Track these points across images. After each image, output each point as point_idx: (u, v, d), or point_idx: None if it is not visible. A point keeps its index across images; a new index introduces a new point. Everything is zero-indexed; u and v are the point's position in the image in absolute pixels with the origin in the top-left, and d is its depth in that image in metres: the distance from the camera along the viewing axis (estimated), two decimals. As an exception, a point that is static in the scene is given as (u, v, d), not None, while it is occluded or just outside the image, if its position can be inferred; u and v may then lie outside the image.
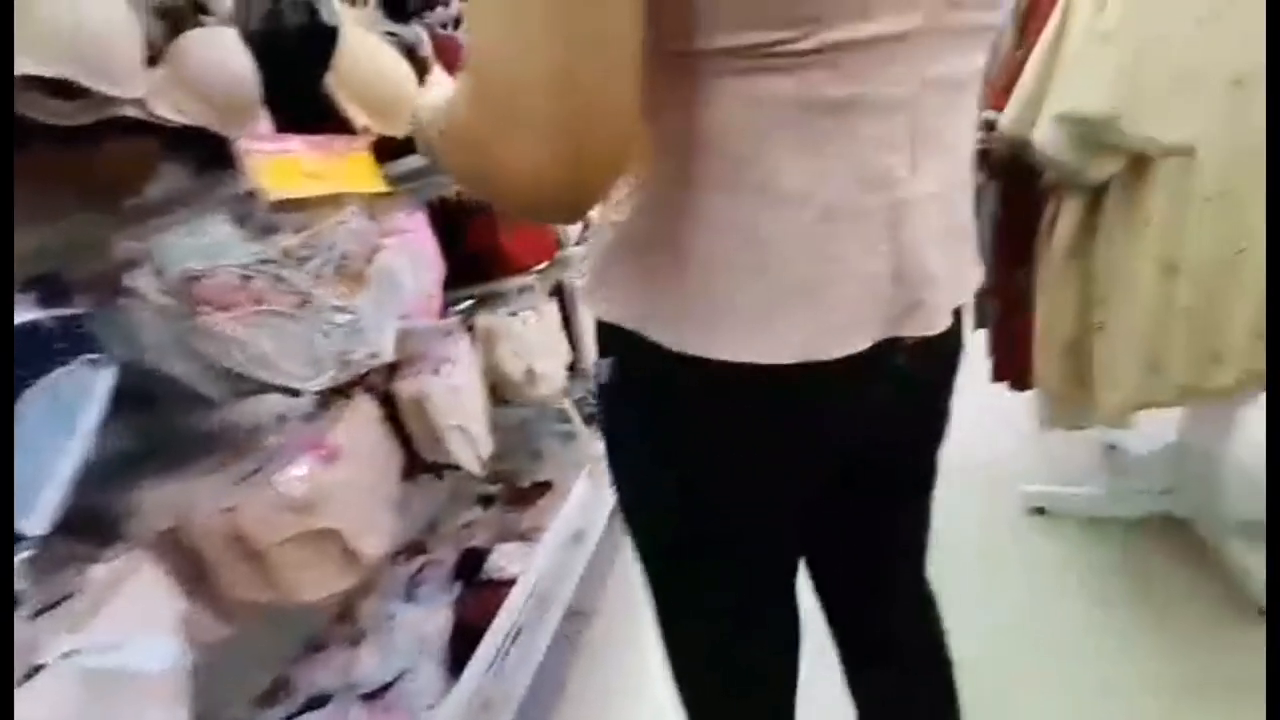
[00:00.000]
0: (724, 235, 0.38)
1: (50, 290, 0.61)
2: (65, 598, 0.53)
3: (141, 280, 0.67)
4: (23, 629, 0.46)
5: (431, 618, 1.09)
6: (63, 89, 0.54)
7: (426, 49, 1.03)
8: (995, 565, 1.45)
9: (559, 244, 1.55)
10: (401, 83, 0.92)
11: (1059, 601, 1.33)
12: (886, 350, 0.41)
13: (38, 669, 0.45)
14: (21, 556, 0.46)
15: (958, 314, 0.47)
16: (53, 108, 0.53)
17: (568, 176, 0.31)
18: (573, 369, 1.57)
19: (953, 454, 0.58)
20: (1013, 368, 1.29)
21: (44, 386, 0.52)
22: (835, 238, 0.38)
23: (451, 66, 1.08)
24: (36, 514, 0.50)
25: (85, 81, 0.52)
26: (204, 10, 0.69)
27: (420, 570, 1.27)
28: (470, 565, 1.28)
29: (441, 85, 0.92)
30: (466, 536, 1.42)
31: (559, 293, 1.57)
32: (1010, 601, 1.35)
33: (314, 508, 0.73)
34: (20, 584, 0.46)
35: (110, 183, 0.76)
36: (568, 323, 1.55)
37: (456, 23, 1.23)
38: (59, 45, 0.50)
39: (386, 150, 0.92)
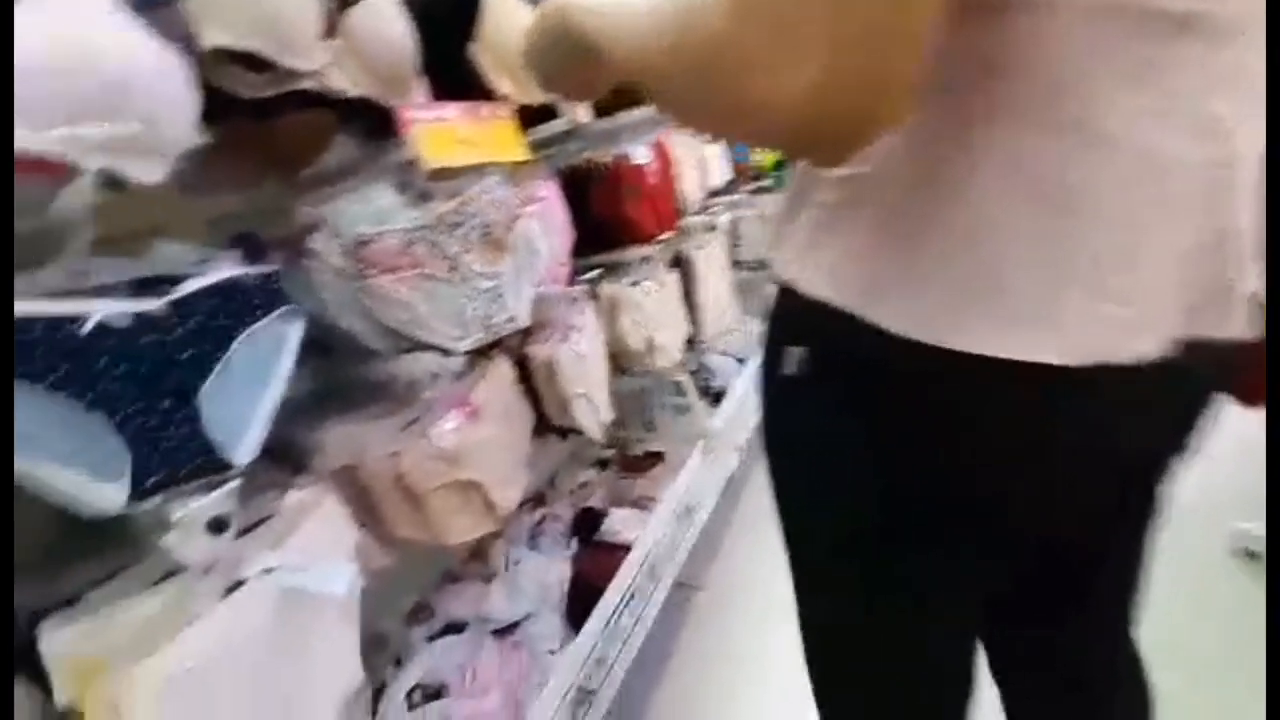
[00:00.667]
0: (1012, 185, 0.30)
1: (250, 249, 0.68)
2: (264, 520, 0.61)
3: (321, 243, 0.74)
4: (230, 547, 0.53)
5: (552, 567, 1.14)
6: (251, 64, 0.60)
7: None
8: (1199, 605, 1.22)
9: (680, 213, 1.50)
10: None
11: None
12: (1186, 352, 0.32)
13: (240, 583, 0.52)
14: (231, 485, 0.53)
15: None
16: (248, 80, 0.58)
17: (852, 104, 0.24)
18: (690, 343, 1.54)
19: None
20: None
21: (247, 337, 0.58)
22: (1148, 201, 0.29)
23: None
24: (243, 447, 0.57)
25: (272, 55, 0.56)
26: (370, -16, 0.72)
27: (541, 521, 1.34)
28: (587, 524, 1.32)
29: None
30: (583, 495, 1.48)
31: (679, 264, 1.53)
32: (1214, 642, 1.12)
33: (461, 460, 0.77)
34: (229, 507, 0.52)
35: (290, 154, 0.84)
36: (687, 295, 1.51)
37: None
38: (249, 20, 0.54)
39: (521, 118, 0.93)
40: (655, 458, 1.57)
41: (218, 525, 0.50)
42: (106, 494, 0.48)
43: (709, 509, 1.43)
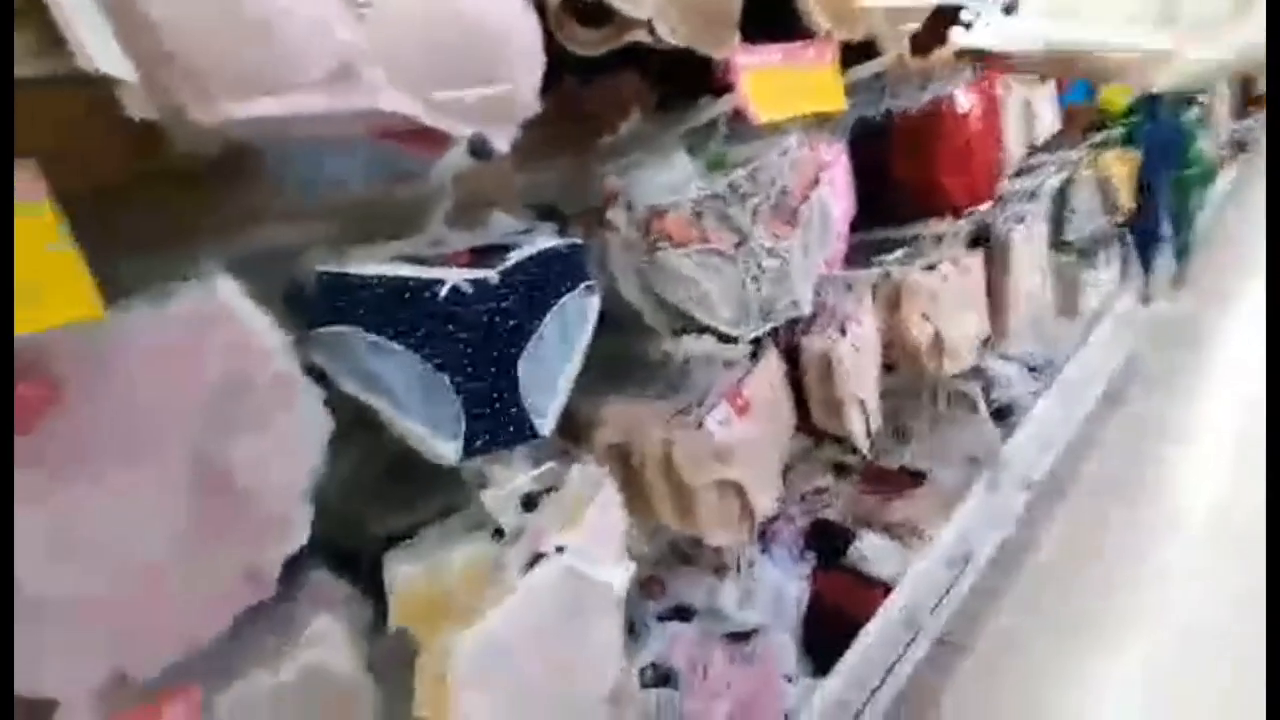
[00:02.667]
0: None
1: (557, 218, 0.68)
2: (551, 489, 0.62)
3: (617, 214, 0.72)
4: (536, 517, 0.53)
5: (789, 582, 1.03)
6: (586, 19, 0.56)
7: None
8: None
9: (999, 177, 1.18)
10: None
11: None
12: None
13: (539, 556, 0.52)
14: (546, 466, 0.53)
15: None
16: (585, 37, 0.55)
17: None
18: (985, 344, 1.23)
19: None
20: None
21: (559, 308, 0.58)
22: None
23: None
24: (549, 417, 0.57)
25: (617, 3, 0.52)
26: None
27: (774, 520, 1.24)
28: (825, 540, 1.17)
29: None
30: (817, 503, 1.32)
31: (984, 240, 1.21)
32: None
33: (728, 457, 0.70)
34: (540, 485, 0.52)
35: (596, 122, 0.84)
36: (991, 284, 1.20)
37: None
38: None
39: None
40: (913, 477, 1.33)
41: (529, 502, 0.51)
42: (445, 449, 0.51)
43: (986, 557, 1.15)
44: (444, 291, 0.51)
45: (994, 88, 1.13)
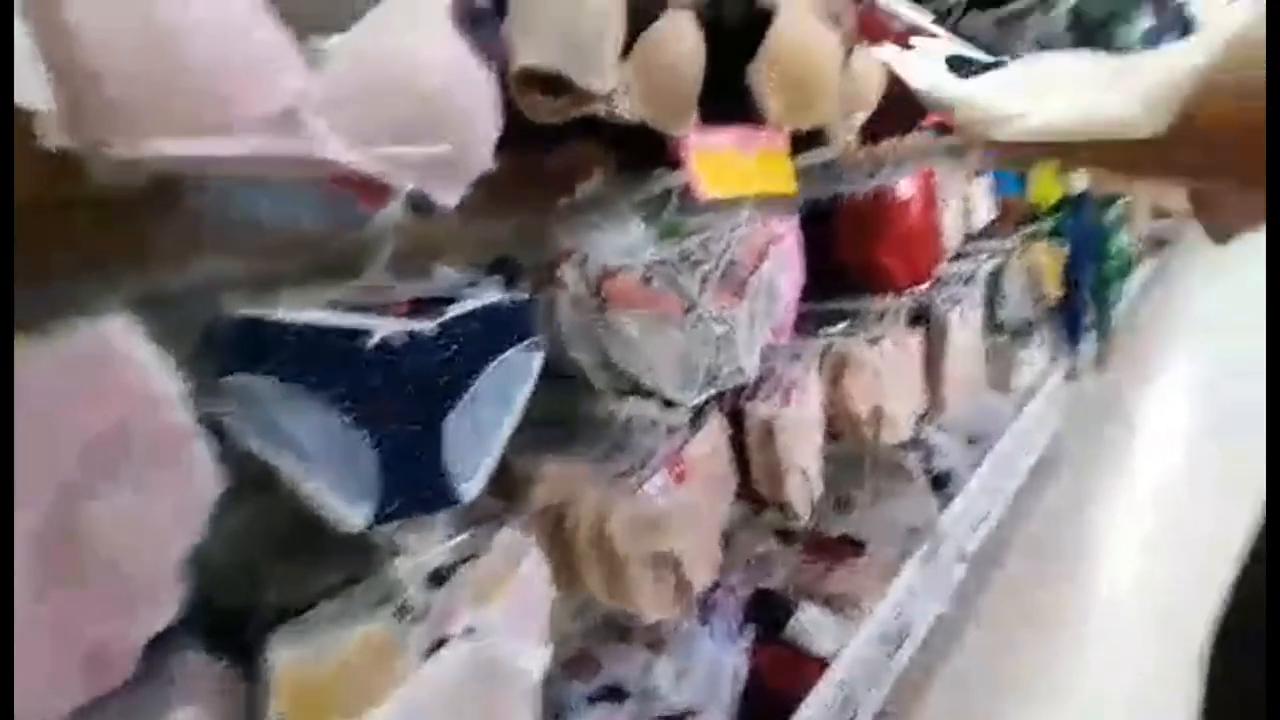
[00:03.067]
0: None
1: (508, 275, 0.68)
2: (470, 558, 0.58)
3: (568, 272, 0.72)
4: (445, 593, 0.49)
5: (728, 658, 0.99)
6: (547, 88, 0.58)
7: (850, 22, 0.89)
8: None
9: (937, 261, 1.26)
10: (825, 75, 0.80)
11: None
12: None
13: (447, 638, 0.48)
14: (460, 538, 0.49)
15: None
16: (545, 105, 0.56)
17: None
18: (922, 417, 1.27)
19: None
20: None
21: (497, 365, 0.56)
22: None
23: (874, 41, 0.92)
24: (473, 482, 0.54)
25: (574, 76, 0.53)
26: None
27: (714, 590, 1.20)
28: (766, 611, 1.14)
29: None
30: (760, 572, 1.30)
31: (923, 320, 1.28)
32: None
33: (665, 527, 0.68)
34: (453, 557, 0.49)
35: (556, 183, 0.85)
36: (929, 361, 1.25)
37: (875, -1, 1.06)
38: (562, 41, 0.51)
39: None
40: (853, 546, 1.33)
41: (438, 578, 0.47)
42: (353, 513, 0.47)
43: (923, 634, 1.14)
44: (372, 342, 0.49)
45: (934, 179, 1.22)
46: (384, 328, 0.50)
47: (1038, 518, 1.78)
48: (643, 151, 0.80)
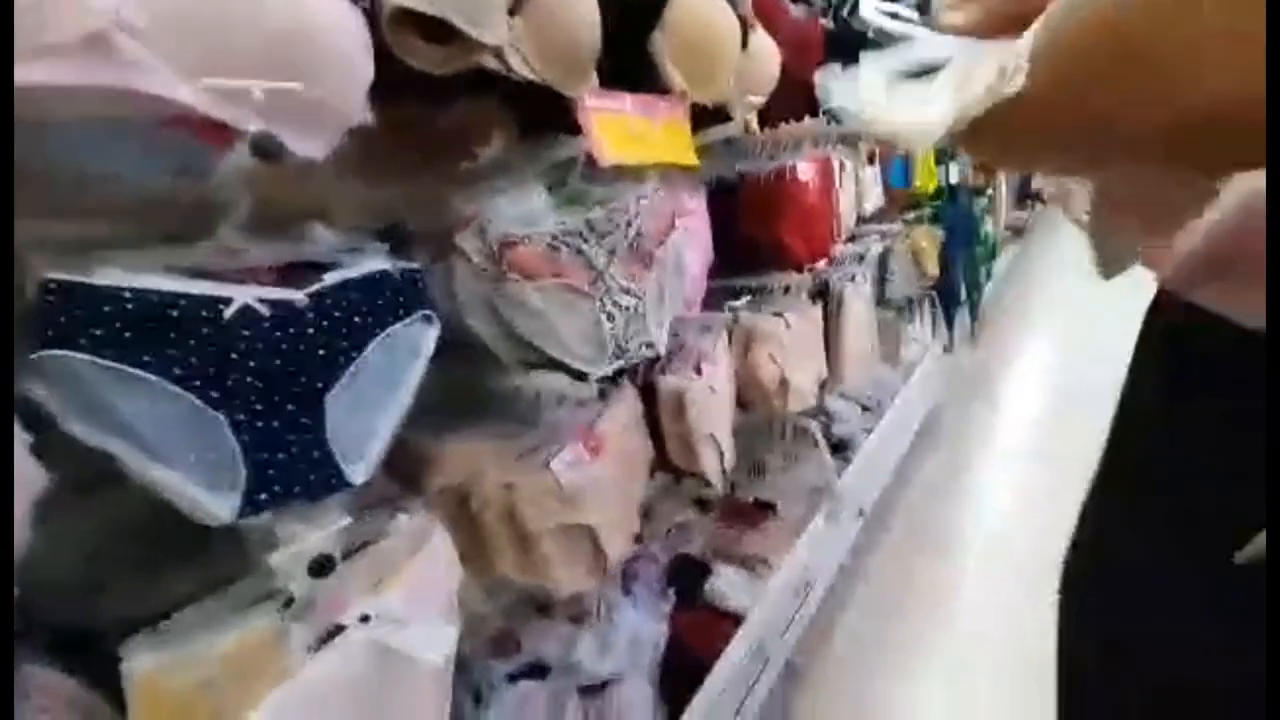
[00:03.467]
0: None
1: (397, 242, 0.63)
2: (368, 544, 0.54)
3: (467, 240, 0.68)
4: (333, 582, 0.45)
5: (648, 625, 1.01)
6: (430, 36, 0.54)
7: (746, 6, 0.91)
8: None
9: (834, 240, 1.33)
10: (727, 47, 0.81)
11: None
12: None
13: (340, 628, 0.44)
14: (341, 523, 0.45)
15: None
16: (427, 54, 0.52)
17: None
18: (823, 386, 1.36)
19: None
20: None
21: (385, 339, 0.52)
22: None
23: (771, 30, 0.95)
24: (363, 464, 0.50)
25: (461, 24, 0.50)
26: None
27: (634, 560, 1.22)
28: (685, 575, 1.18)
29: None
30: (680, 539, 1.34)
31: (823, 295, 1.36)
32: None
33: (577, 500, 0.67)
34: (337, 545, 0.45)
35: (453, 145, 0.80)
36: (828, 332, 1.34)
37: (773, -19, 1.08)
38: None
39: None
40: (765, 509, 1.40)
41: (321, 567, 0.43)
42: (215, 504, 0.42)
43: (825, 586, 1.23)
44: (230, 312, 0.43)
45: (831, 163, 1.29)
46: (243, 295, 0.44)
47: (920, 480, 1.97)
48: (544, 116, 0.77)
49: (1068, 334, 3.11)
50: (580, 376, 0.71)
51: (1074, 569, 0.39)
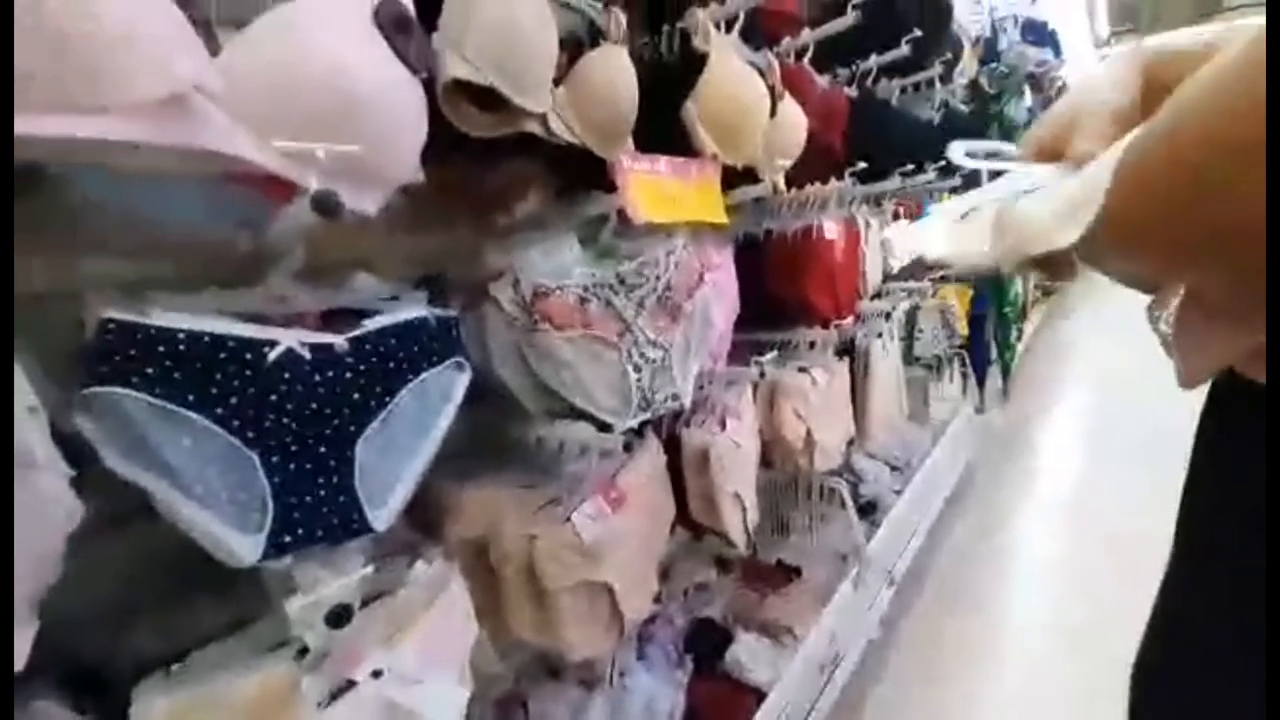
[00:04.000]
0: None
1: (435, 290, 0.65)
2: (385, 594, 0.53)
3: (501, 291, 0.70)
4: (349, 633, 0.44)
5: (664, 692, 0.96)
6: (482, 103, 0.57)
7: (775, 76, 0.95)
8: None
9: (860, 298, 1.33)
10: (756, 115, 0.85)
11: None
12: None
13: (350, 684, 0.43)
14: (363, 572, 0.45)
15: None
16: (477, 119, 0.55)
17: None
18: (850, 444, 1.32)
19: None
20: None
21: (418, 384, 0.52)
22: None
23: (798, 99, 0.99)
24: (387, 509, 0.49)
25: (508, 93, 0.53)
26: (601, 36, 0.70)
27: (651, 621, 1.17)
28: (704, 641, 1.12)
29: None
30: (699, 601, 1.28)
31: (849, 352, 1.34)
32: None
33: (598, 556, 0.66)
34: (355, 595, 0.44)
35: (493, 200, 0.84)
36: (854, 390, 1.31)
37: (800, 54, 1.14)
38: (495, 56, 0.51)
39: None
40: (789, 572, 1.34)
41: (338, 618, 0.42)
42: (241, 545, 0.42)
43: (856, 658, 1.15)
44: (274, 355, 0.45)
45: (857, 222, 1.31)
46: (288, 339, 0.46)
47: (952, 544, 1.87)
48: (582, 175, 0.81)
49: (1099, 395, 3.00)
50: (606, 428, 0.71)
51: (1149, 657, 0.36)
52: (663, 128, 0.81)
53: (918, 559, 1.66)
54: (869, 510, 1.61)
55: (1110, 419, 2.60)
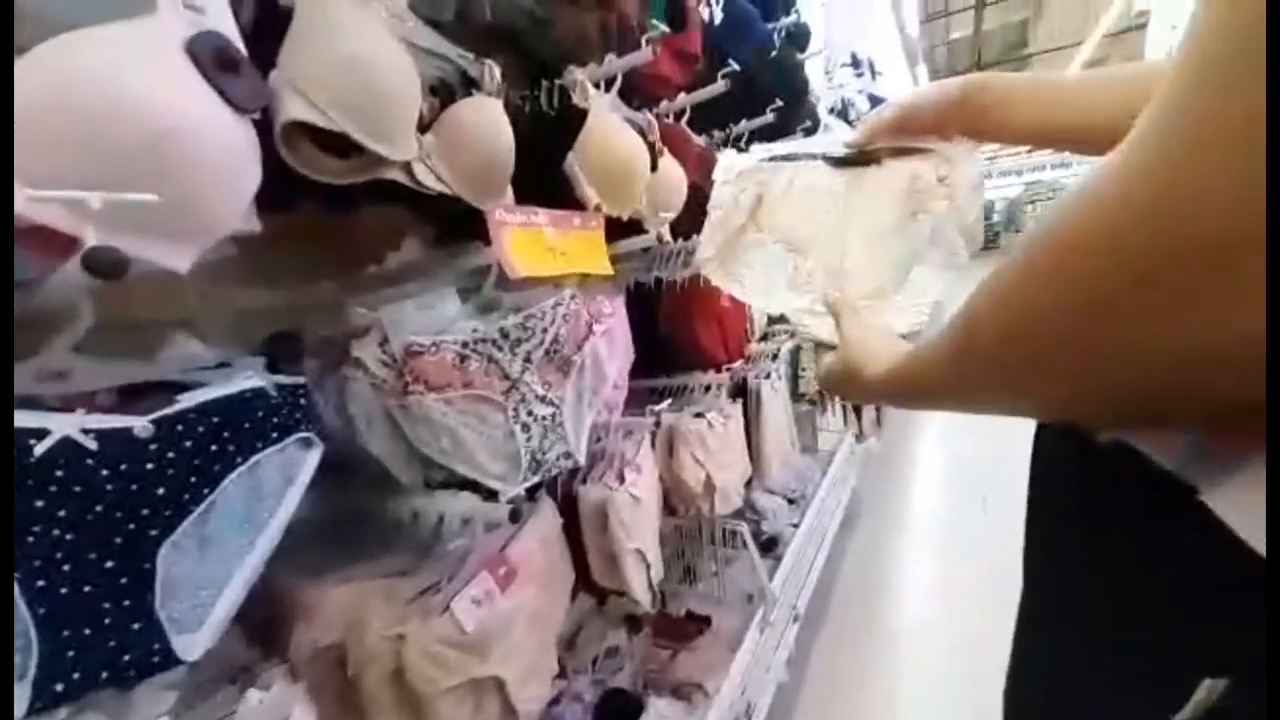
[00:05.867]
0: None
1: (286, 351, 0.56)
2: (208, 734, 0.42)
3: (366, 350, 0.63)
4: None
5: (570, 786, 0.87)
6: (334, 146, 0.52)
7: (655, 134, 0.99)
8: None
9: (749, 340, 1.40)
10: (637, 168, 0.87)
11: None
12: None
13: None
14: (166, 708, 0.35)
15: None
16: (327, 166, 0.50)
17: None
18: (748, 484, 1.35)
19: None
20: None
21: (248, 469, 0.44)
22: None
23: (678, 156, 1.04)
24: (202, 634, 0.40)
25: (363, 139, 0.49)
26: (475, 86, 0.68)
27: (556, 701, 1.07)
28: (615, 714, 1.05)
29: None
30: (610, 668, 1.21)
31: (742, 394, 1.39)
32: None
33: (484, 649, 0.58)
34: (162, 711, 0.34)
35: (358, 250, 0.77)
36: (748, 430, 1.35)
37: (679, 115, 1.21)
38: (347, 99, 0.47)
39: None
40: (699, 622, 1.31)
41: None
42: (-32, 715, 0.31)
43: (766, 706, 1.14)
44: (42, 448, 0.35)
45: (738, 269, 1.39)
46: (64, 426, 0.36)
47: (845, 571, 1.97)
48: (460, 225, 0.77)
49: (955, 419, 3.41)
50: (492, 495, 0.65)
51: (1010, 685, 0.37)
52: (544, 181, 0.80)
53: (818, 590, 1.71)
54: (770, 546, 1.64)
55: (965, 437, 2.94)
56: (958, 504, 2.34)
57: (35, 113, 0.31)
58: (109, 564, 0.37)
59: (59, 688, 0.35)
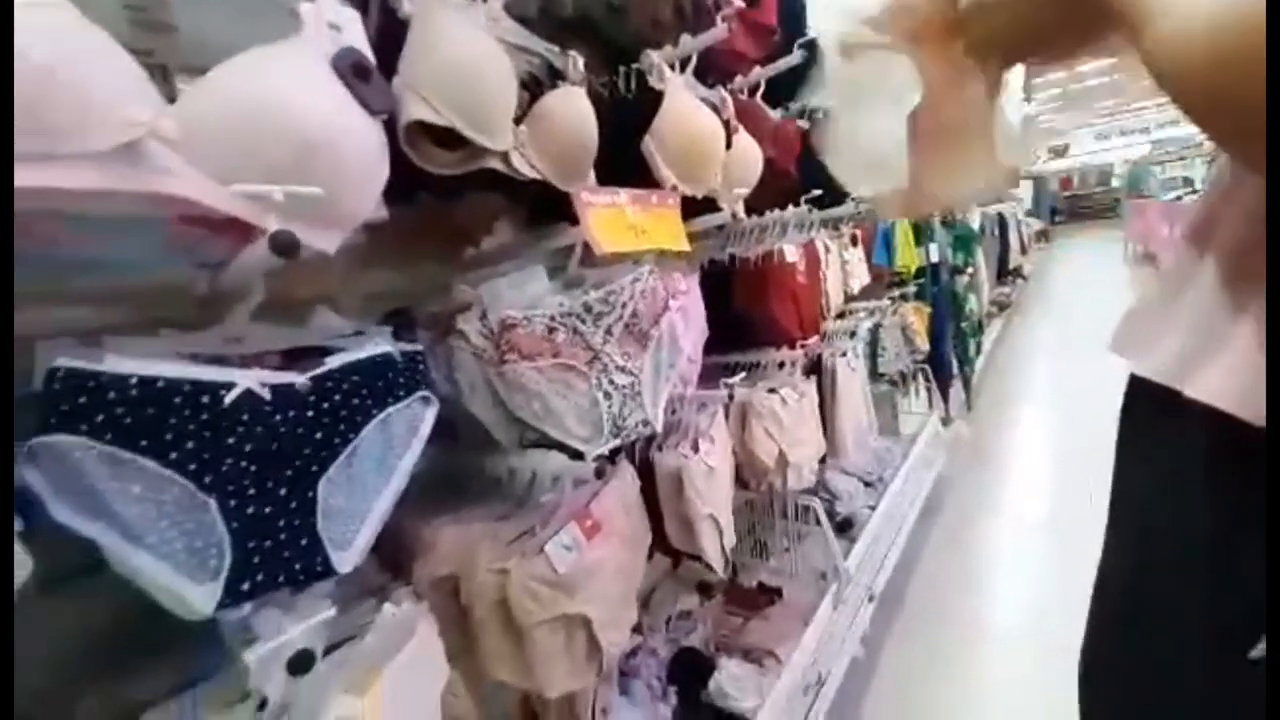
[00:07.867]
0: None
1: (402, 325, 0.65)
2: (350, 639, 0.51)
3: (469, 323, 0.70)
4: (311, 680, 0.43)
5: (646, 730, 0.93)
6: (443, 141, 0.59)
7: (729, 111, 1.00)
8: None
9: (824, 317, 1.37)
10: (712, 148, 0.89)
11: None
12: None
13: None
14: (325, 614, 0.44)
15: None
16: (439, 157, 0.57)
17: None
18: (823, 461, 1.34)
19: None
20: None
21: (381, 421, 0.52)
22: None
23: (753, 131, 1.03)
24: (351, 551, 0.48)
25: (469, 132, 0.55)
26: (560, 77, 0.73)
27: (633, 654, 1.14)
28: (688, 670, 1.10)
29: None
30: (683, 629, 1.27)
31: (817, 371, 1.38)
32: None
33: (574, 588, 0.65)
34: (318, 640, 0.43)
35: (458, 234, 0.85)
36: (823, 407, 1.34)
37: (754, 90, 1.20)
38: (454, 98, 0.52)
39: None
40: (770, 594, 1.34)
41: (300, 664, 0.41)
42: (196, 595, 0.40)
43: (840, 677, 1.15)
44: (231, 396, 0.44)
45: (816, 246, 1.36)
46: (246, 380, 0.45)
47: (927, 555, 1.90)
48: (548, 208, 0.83)
49: (1056, 401, 3.13)
50: (578, 456, 0.71)
51: (1089, 657, 0.37)
52: (624, 162, 0.83)
53: (896, 572, 1.67)
54: (846, 527, 1.62)
55: (1067, 424, 2.70)
56: (1054, 500, 2.17)
57: (218, 123, 0.38)
58: (282, 491, 0.46)
59: (245, 587, 0.44)
